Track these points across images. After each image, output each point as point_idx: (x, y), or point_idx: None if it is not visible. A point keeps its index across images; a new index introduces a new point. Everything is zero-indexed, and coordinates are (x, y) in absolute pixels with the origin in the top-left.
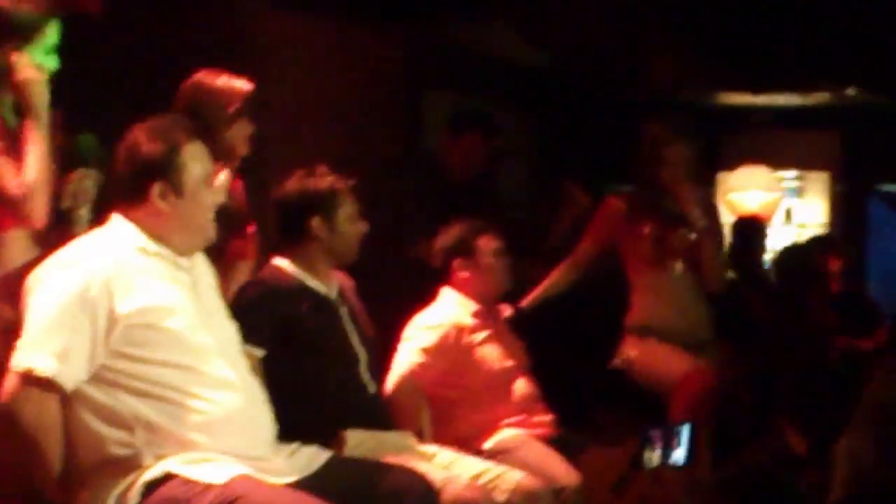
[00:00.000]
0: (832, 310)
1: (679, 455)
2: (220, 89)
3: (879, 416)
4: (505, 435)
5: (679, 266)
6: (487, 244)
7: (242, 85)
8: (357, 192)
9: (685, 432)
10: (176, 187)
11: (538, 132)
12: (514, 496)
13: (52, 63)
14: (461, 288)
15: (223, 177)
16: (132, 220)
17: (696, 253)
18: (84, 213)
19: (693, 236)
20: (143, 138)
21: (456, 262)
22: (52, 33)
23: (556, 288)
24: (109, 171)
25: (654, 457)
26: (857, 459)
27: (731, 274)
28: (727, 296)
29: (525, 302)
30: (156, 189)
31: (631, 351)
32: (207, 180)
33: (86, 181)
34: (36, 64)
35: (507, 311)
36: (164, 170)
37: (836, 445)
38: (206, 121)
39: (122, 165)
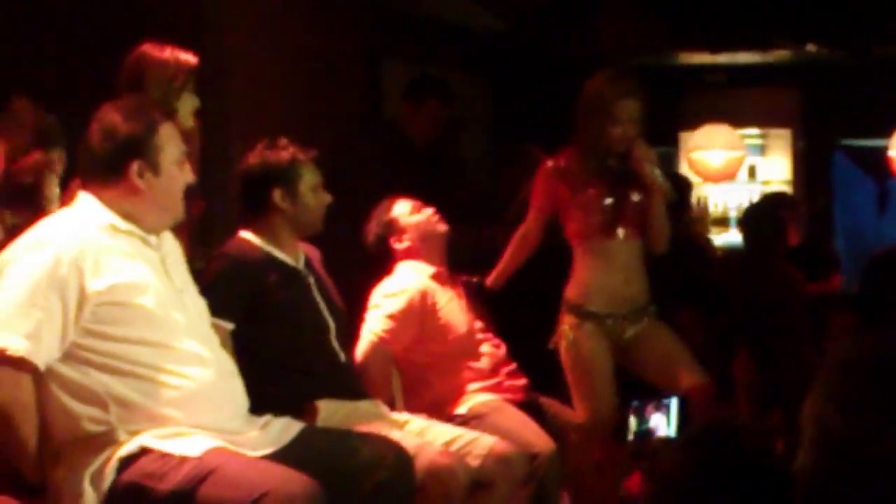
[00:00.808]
0: (794, 263)
1: (669, 428)
2: (166, 61)
3: (843, 378)
4: (478, 400)
5: (622, 231)
6: (404, 209)
7: (188, 58)
8: (319, 163)
9: (674, 405)
10: (153, 166)
11: (498, 98)
12: (487, 461)
13: None
14: (411, 258)
15: None
16: (102, 198)
17: (644, 215)
18: (55, 189)
19: (639, 198)
20: (119, 117)
21: (392, 242)
22: None
23: (513, 264)
24: (80, 148)
25: (633, 428)
26: (822, 423)
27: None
28: (684, 260)
29: (489, 281)
30: (134, 167)
31: (570, 332)
32: (180, 160)
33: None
34: None
35: (470, 281)
36: (142, 148)
37: (801, 408)
38: (151, 94)
39: (100, 144)
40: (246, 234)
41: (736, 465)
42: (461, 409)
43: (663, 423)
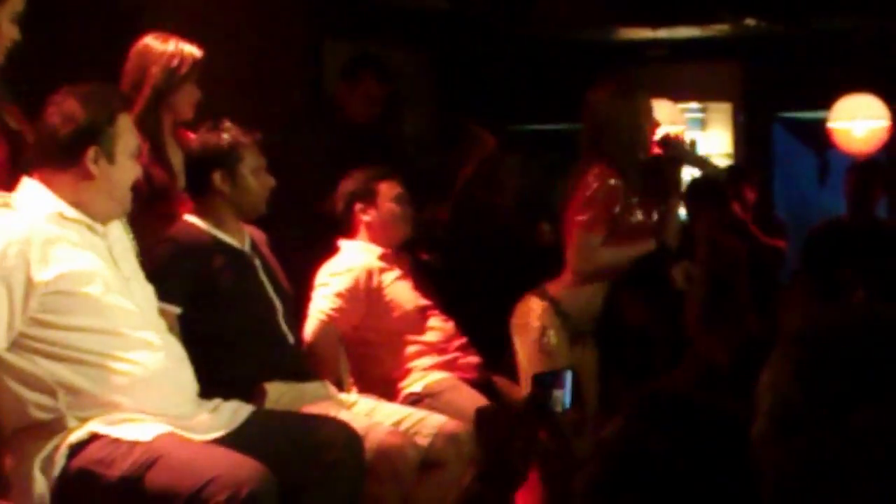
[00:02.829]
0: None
1: (564, 398)
2: (168, 51)
3: (798, 347)
4: (433, 378)
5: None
6: (389, 190)
7: (192, 50)
8: (262, 146)
9: (568, 377)
10: (108, 154)
11: (441, 75)
12: (436, 440)
13: None
14: (363, 233)
15: None
16: (52, 183)
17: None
18: None
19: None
20: (78, 103)
21: (357, 207)
22: None
23: None
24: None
25: (556, 401)
26: (780, 391)
27: None
28: None
29: None
30: (90, 153)
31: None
32: (134, 153)
33: None
34: None
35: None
36: (100, 135)
37: (759, 377)
38: (153, 82)
39: (58, 127)
40: (191, 218)
41: (690, 427)
42: (416, 388)
43: (566, 398)
